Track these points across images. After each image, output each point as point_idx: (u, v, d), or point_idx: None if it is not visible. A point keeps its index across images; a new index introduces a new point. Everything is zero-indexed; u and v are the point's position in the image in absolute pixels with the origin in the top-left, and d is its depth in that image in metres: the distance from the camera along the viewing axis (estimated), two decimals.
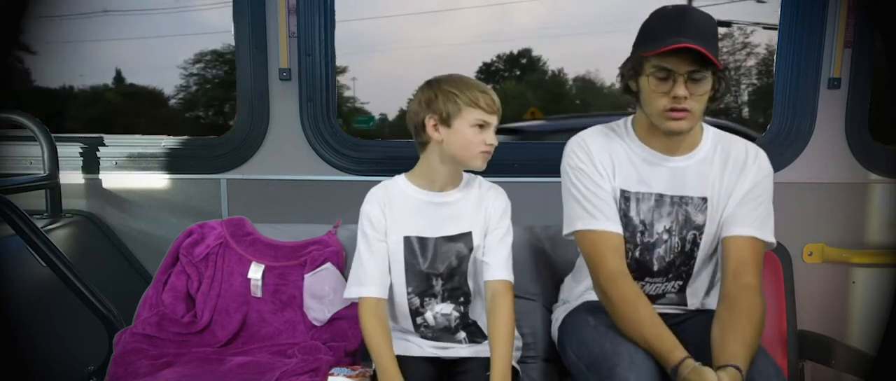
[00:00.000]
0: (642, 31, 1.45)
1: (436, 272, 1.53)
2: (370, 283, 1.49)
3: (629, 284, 1.44)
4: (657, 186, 1.51)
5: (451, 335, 1.58)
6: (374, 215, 1.53)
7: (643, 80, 1.43)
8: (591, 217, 1.48)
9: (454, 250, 1.53)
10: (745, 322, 1.34)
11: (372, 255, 1.51)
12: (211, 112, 10.04)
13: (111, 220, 2.20)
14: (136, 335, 1.74)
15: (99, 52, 7.12)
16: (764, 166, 1.50)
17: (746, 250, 1.45)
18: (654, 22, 1.43)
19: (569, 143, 1.56)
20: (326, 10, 2.10)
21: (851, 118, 2.11)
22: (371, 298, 1.49)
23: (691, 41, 1.32)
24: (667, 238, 1.52)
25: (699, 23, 1.38)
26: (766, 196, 1.49)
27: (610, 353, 1.37)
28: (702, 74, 1.37)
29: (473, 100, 1.43)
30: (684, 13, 1.39)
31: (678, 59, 1.34)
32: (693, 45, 1.31)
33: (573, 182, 1.51)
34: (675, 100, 1.37)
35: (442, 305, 1.56)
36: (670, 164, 1.51)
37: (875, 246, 2.17)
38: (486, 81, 11.51)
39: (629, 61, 1.47)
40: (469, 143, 1.44)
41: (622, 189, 1.51)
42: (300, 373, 1.60)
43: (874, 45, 2.07)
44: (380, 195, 1.55)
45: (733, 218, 1.48)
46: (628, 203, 1.52)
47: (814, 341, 1.87)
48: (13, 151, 2.18)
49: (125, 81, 9.11)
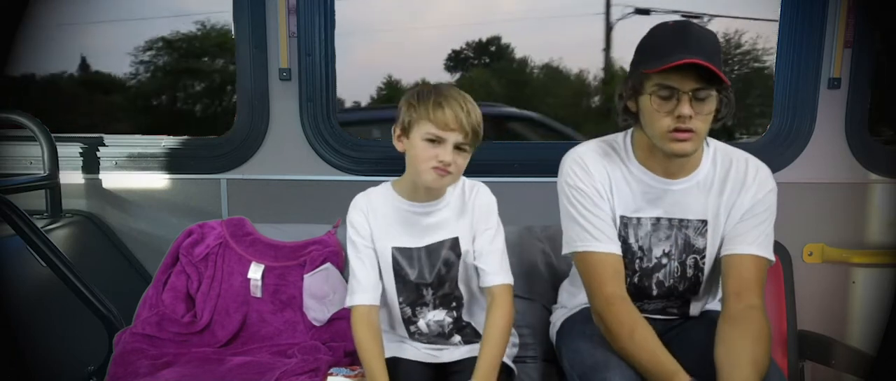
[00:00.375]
0: (642, 48, 1.38)
1: (425, 282, 1.51)
2: (360, 291, 1.47)
3: (626, 308, 1.40)
4: (656, 210, 1.47)
5: (445, 339, 1.57)
6: (357, 223, 1.51)
7: (644, 99, 1.36)
8: (593, 239, 1.44)
9: (441, 258, 1.50)
10: (752, 344, 1.29)
11: (361, 263, 1.49)
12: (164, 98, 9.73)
13: (111, 220, 2.20)
14: (136, 334, 1.74)
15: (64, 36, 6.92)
16: (766, 183, 1.44)
17: (750, 270, 1.39)
18: (655, 38, 1.36)
19: (565, 159, 1.51)
20: (326, 10, 2.10)
21: (851, 118, 2.11)
22: (362, 306, 1.47)
23: (696, 57, 1.26)
24: (666, 263, 1.49)
25: (702, 39, 1.31)
26: (768, 213, 1.43)
27: (602, 365, 1.35)
28: (707, 91, 1.30)
29: (426, 112, 1.36)
30: (687, 28, 1.33)
31: (682, 76, 1.28)
32: (699, 60, 1.25)
33: (572, 202, 1.47)
34: (679, 120, 1.30)
35: (434, 312, 1.55)
36: (671, 188, 1.45)
37: (875, 246, 2.17)
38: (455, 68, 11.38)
39: (628, 80, 1.40)
40: (419, 156, 1.38)
41: (621, 215, 1.47)
42: (300, 373, 1.60)
43: (874, 45, 2.07)
44: (363, 204, 1.52)
45: (734, 236, 1.43)
46: (627, 229, 1.48)
47: (814, 341, 1.87)
48: (13, 151, 2.18)
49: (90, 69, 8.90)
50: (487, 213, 1.50)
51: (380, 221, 1.50)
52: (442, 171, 1.37)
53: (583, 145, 1.52)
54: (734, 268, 1.41)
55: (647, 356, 1.32)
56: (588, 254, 1.45)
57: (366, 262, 1.49)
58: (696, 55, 1.26)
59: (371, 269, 1.49)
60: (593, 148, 1.50)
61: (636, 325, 1.36)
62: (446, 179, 1.40)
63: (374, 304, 1.48)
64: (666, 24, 1.35)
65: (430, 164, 1.37)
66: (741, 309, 1.35)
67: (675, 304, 1.55)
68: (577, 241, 1.46)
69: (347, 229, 1.52)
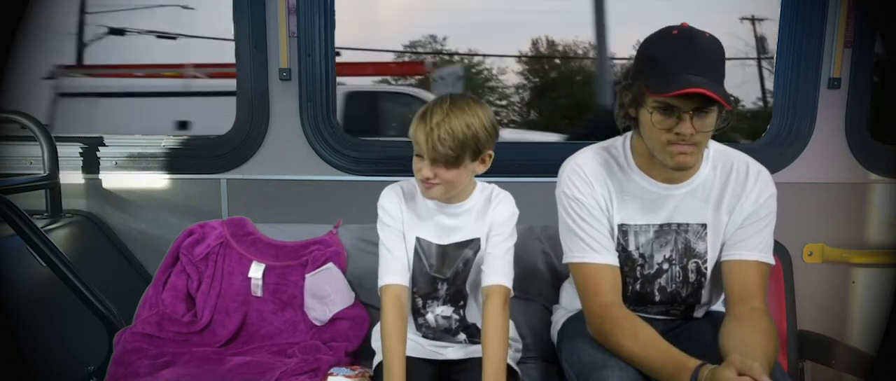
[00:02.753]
0: (645, 58, 1.34)
1: (442, 277, 1.55)
2: (392, 271, 1.50)
3: (624, 313, 1.40)
4: (657, 217, 1.46)
5: (451, 336, 1.59)
6: (391, 208, 1.54)
7: (644, 113, 1.34)
8: (591, 250, 1.44)
9: (462, 256, 1.54)
10: (762, 337, 1.28)
11: (394, 244, 1.52)
12: None
13: (111, 220, 2.20)
14: (136, 334, 1.74)
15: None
16: (767, 187, 1.43)
17: (753, 276, 1.39)
18: (658, 50, 1.31)
19: (564, 168, 1.50)
20: (326, 10, 2.10)
21: (851, 118, 2.11)
22: (394, 285, 1.49)
23: (700, 78, 1.23)
24: (667, 268, 1.48)
25: (707, 53, 1.28)
26: (769, 218, 1.43)
27: (599, 364, 1.35)
28: (708, 108, 1.28)
29: (411, 128, 1.43)
30: (691, 42, 1.28)
31: (684, 97, 1.25)
32: (702, 89, 1.22)
33: (569, 213, 1.47)
34: (679, 136, 1.30)
35: (443, 307, 1.57)
36: (672, 193, 1.45)
37: (875, 246, 2.17)
38: None
39: (628, 89, 1.37)
40: (415, 169, 1.45)
41: (620, 223, 1.47)
42: (300, 373, 1.60)
43: (874, 45, 2.07)
44: (398, 191, 1.57)
45: (737, 242, 1.42)
46: (627, 237, 1.47)
47: (814, 341, 1.87)
48: (13, 151, 2.17)
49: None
50: (505, 220, 1.53)
51: (410, 211, 1.55)
52: (428, 184, 1.44)
53: (582, 154, 1.51)
54: (737, 274, 1.41)
55: (656, 353, 1.31)
56: (585, 265, 1.45)
57: (398, 244, 1.53)
58: (700, 75, 1.24)
59: (403, 251, 1.53)
60: (592, 156, 1.49)
61: (638, 326, 1.36)
62: (432, 191, 1.45)
63: (406, 285, 1.51)
64: (671, 35, 1.31)
65: (418, 176, 1.45)
66: (746, 311, 1.36)
67: (679, 309, 1.55)
68: (574, 251, 1.47)
69: (379, 213, 1.56)
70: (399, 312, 1.47)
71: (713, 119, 1.31)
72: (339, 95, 3.18)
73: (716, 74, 1.28)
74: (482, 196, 1.55)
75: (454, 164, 1.41)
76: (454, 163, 1.41)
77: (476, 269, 1.54)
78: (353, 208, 2.02)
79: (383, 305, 1.49)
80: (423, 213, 1.55)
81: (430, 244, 1.54)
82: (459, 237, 1.54)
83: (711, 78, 1.26)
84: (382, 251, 1.53)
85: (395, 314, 1.46)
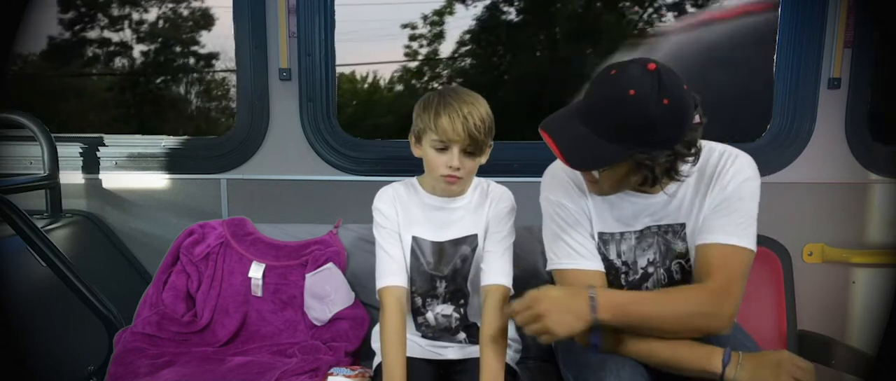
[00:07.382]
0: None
1: (440, 274, 1.55)
2: (390, 273, 1.50)
3: None
4: (638, 223, 1.43)
5: (451, 335, 1.58)
6: (385, 210, 1.55)
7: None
8: (579, 256, 1.41)
9: (460, 252, 1.54)
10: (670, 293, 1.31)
11: (391, 246, 1.53)
12: None
13: (111, 220, 2.20)
14: (136, 334, 1.74)
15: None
16: (740, 171, 1.35)
17: (713, 257, 1.32)
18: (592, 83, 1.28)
19: (547, 173, 1.49)
20: (326, 10, 2.10)
21: (851, 118, 2.11)
22: (394, 287, 1.49)
23: (576, 123, 1.24)
24: (652, 271, 1.45)
25: (602, 104, 1.24)
26: (742, 203, 1.33)
27: (597, 365, 1.33)
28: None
29: (430, 121, 1.41)
30: (601, 85, 1.24)
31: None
32: (547, 135, 1.25)
33: (554, 218, 1.45)
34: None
35: (443, 306, 1.57)
36: (651, 199, 1.41)
37: (875, 246, 2.17)
38: None
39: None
40: (431, 163, 1.45)
41: (600, 232, 1.44)
42: (300, 373, 1.60)
43: (874, 45, 2.07)
44: (391, 193, 1.57)
45: (701, 230, 1.37)
46: (607, 246, 1.45)
47: (814, 341, 1.87)
48: (13, 151, 2.18)
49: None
50: (504, 216, 1.53)
51: (405, 211, 1.55)
52: (452, 178, 1.44)
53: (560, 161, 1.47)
54: (699, 259, 1.35)
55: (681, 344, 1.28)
56: (573, 271, 1.42)
57: (395, 246, 1.53)
58: (580, 120, 1.24)
59: (400, 252, 1.53)
60: None
61: None
62: (456, 185, 1.46)
63: (404, 286, 1.51)
64: (607, 71, 1.25)
65: (440, 171, 1.44)
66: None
67: None
68: (562, 258, 1.43)
69: (375, 216, 1.56)
70: (398, 313, 1.47)
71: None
72: None
73: (599, 127, 1.22)
74: (477, 191, 1.56)
75: (481, 151, 1.44)
76: (482, 150, 1.44)
77: (476, 267, 1.53)
78: (353, 208, 2.03)
79: (382, 307, 1.48)
80: (418, 211, 1.55)
81: (427, 242, 1.54)
82: (456, 233, 1.54)
83: (591, 128, 1.22)
84: (380, 253, 1.53)
85: (395, 316, 1.46)
